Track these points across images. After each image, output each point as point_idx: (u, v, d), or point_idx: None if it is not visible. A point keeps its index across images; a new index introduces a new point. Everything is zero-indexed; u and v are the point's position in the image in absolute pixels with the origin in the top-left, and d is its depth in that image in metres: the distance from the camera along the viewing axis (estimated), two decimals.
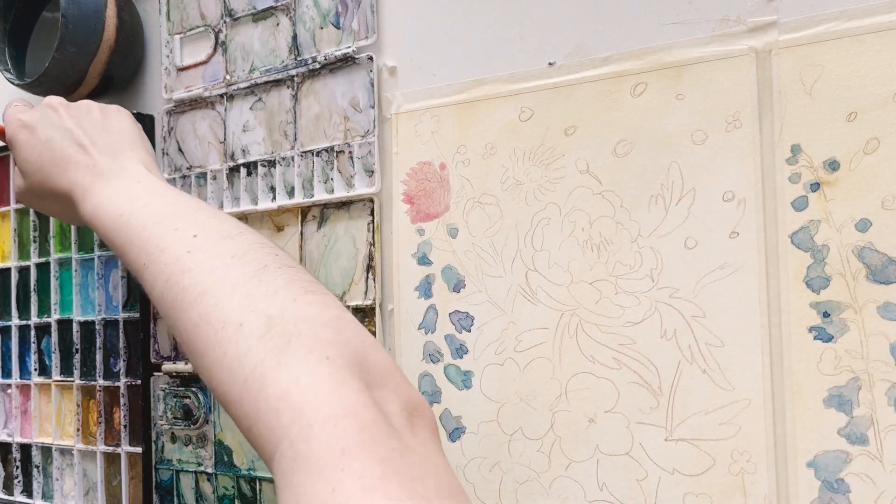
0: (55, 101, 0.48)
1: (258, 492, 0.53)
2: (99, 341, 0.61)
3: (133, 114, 0.59)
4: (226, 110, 0.56)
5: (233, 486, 0.54)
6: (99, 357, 0.61)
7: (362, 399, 0.27)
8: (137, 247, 0.38)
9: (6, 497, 0.67)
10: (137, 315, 0.59)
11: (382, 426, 0.27)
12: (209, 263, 0.34)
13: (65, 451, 0.64)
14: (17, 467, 0.67)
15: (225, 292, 0.32)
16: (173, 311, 0.34)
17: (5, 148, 0.69)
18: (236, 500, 0.54)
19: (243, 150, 0.55)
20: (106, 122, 0.47)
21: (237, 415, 0.30)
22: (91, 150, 0.45)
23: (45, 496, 0.65)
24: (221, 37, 0.56)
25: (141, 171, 0.44)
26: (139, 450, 0.58)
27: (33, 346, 0.66)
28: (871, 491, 0.34)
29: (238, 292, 0.32)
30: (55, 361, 0.64)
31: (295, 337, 0.30)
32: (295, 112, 0.52)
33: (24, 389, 0.67)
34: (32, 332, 0.66)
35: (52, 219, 0.65)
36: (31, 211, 0.66)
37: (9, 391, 0.68)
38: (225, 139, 0.56)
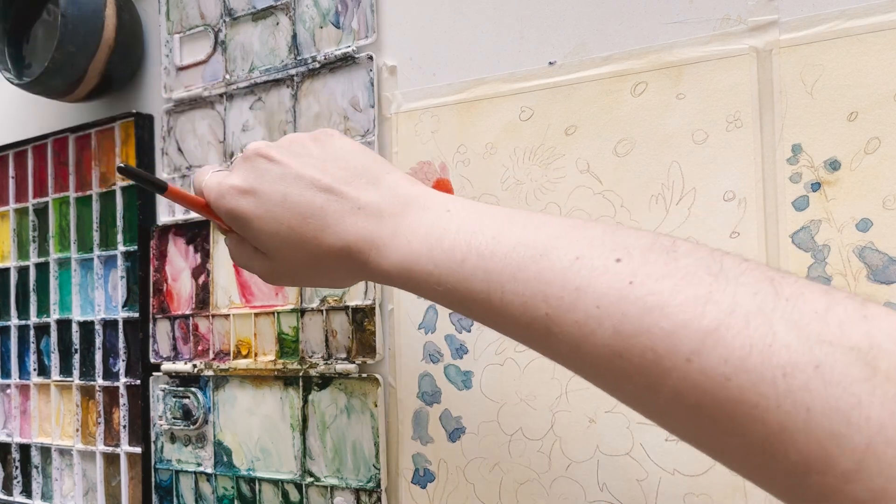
0: (256, 148, 0.36)
1: (258, 492, 0.53)
2: (98, 341, 0.61)
3: (133, 113, 0.59)
4: (225, 110, 0.55)
5: (232, 487, 0.54)
6: (98, 357, 0.61)
7: None
8: (520, 294, 0.27)
9: (5, 497, 0.67)
10: (137, 315, 0.59)
11: None
12: (677, 290, 0.23)
13: (64, 452, 0.64)
14: (17, 468, 0.67)
15: (746, 323, 0.22)
16: (645, 369, 0.23)
17: (4, 147, 0.69)
18: (236, 501, 0.54)
19: (243, 150, 0.54)
20: (325, 149, 0.36)
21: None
22: (345, 190, 0.34)
23: (44, 496, 0.65)
24: (221, 36, 0.56)
25: (435, 195, 0.34)
26: (138, 450, 0.58)
27: (32, 346, 0.66)
28: None
29: (763, 320, 0.22)
30: (54, 361, 0.64)
31: None
32: (295, 112, 0.52)
33: (24, 389, 0.67)
34: (31, 332, 0.66)
35: (51, 218, 0.65)
36: (31, 210, 0.66)
37: (8, 391, 0.68)
38: (224, 139, 0.55)
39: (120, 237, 0.60)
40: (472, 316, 0.30)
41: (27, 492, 0.66)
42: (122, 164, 0.35)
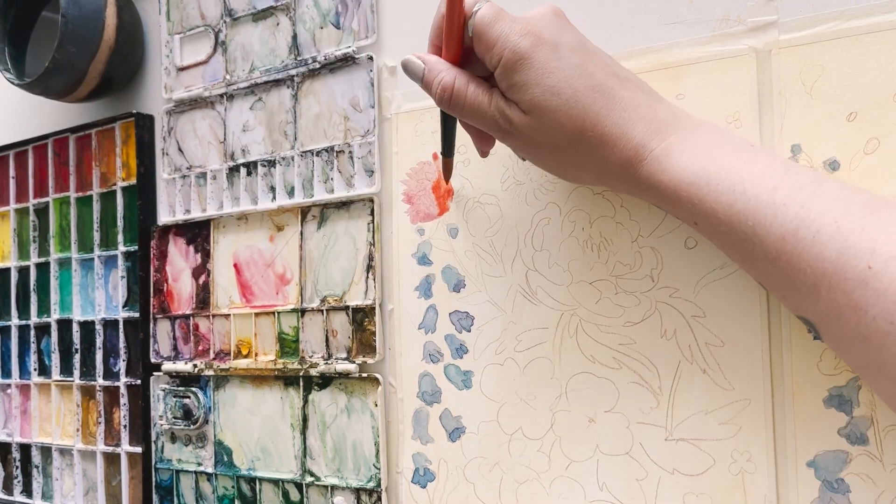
0: (557, 8, 0.34)
1: (258, 492, 0.53)
2: (99, 341, 0.61)
3: (133, 113, 0.59)
4: (226, 110, 0.56)
5: (232, 486, 0.54)
6: (99, 357, 0.61)
7: None
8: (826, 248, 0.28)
9: (6, 497, 0.67)
10: (137, 315, 0.59)
11: None
12: None
13: (64, 451, 0.64)
14: (17, 467, 0.67)
15: None
16: None
17: (5, 147, 0.69)
18: (236, 501, 0.54)
19: (243, 150, 0.55)
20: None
21: None
22: (641, 86, 0.34)
23: (44, 496, 0.65)
24: (221, 36, 0.56)
25: (710, 124, 0.34)
26: (139, 450, 0.58)
27: (33, 346, 0.66)
28: (871, 491, 0.34)
29: None
30: (55, 361, 0.64)
31: None
32: (295, 112, 0.52)
33: (24, 389, 0.67)
34: (32, 332, 0.66)
35: (51, 218, 0.65)
36: (31, 210, 0.66)
37: (8, 391, 0.68)
38: (225, 139, 0.56)
39: (120, 237, 0.60)
40: (737, 245, 0.31)
41: (27, 491, 0.66)
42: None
